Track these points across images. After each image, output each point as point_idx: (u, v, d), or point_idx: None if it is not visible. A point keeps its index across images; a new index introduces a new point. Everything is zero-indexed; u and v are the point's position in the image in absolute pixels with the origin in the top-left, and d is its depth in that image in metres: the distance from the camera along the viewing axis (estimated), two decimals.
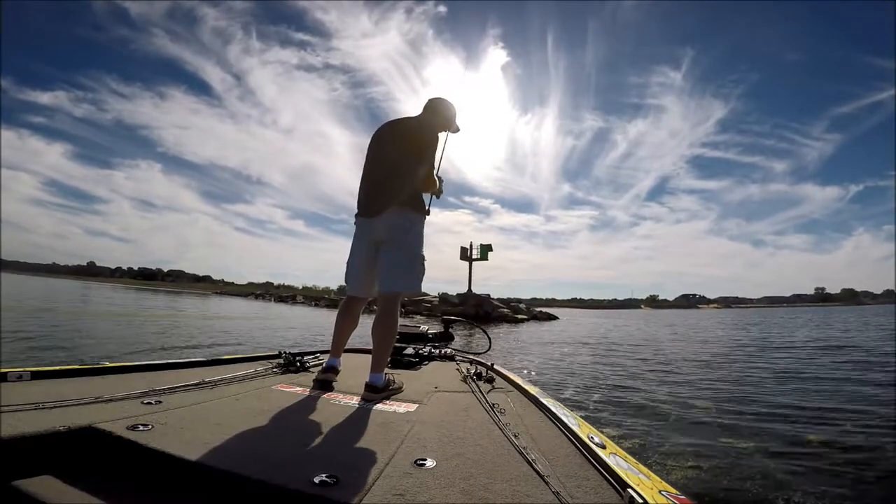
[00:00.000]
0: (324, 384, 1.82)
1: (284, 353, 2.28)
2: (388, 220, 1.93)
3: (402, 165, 1.99)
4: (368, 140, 2.16)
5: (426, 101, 2.21)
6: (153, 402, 1.38)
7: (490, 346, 3.67)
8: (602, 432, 1.45)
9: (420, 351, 2.92)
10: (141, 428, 1.09)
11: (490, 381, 2.07)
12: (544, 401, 1.67)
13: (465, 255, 34.23)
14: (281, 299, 55.83)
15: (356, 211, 2.05)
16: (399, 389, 1.82)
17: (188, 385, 1.62)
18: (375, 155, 2.07)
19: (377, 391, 1.71)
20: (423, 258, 2.00)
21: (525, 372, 6.38)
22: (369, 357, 1.82)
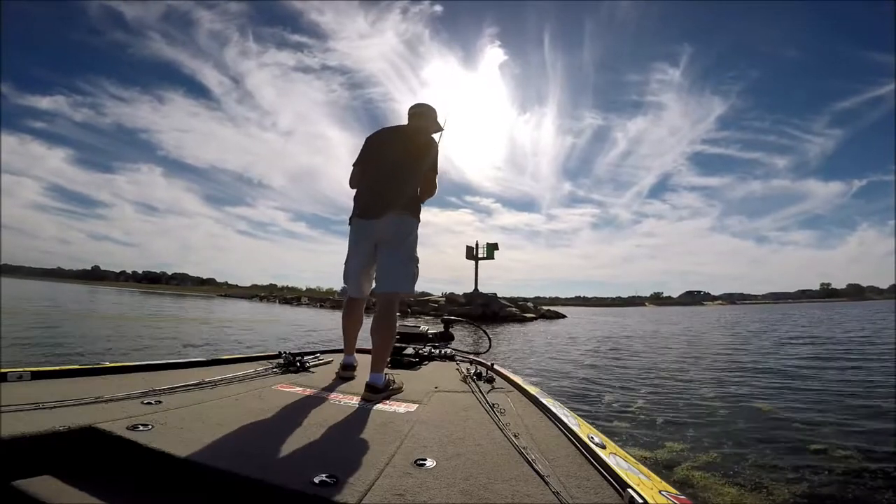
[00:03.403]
0: (345, 380, 2.00)
1: (284, 353, 2.29)
2: (390, 223, 2.00)
3: (402, 171, 2.08)
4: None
5: (410, 109, 2.31)
6: (153, 402, 1.38)
7: (490, 346, 3.66)
8: (603, 432, 1.44)
9: (420, 351, 2.92)
10: (141, 428, 1.10)
11: (490, 381, 2.07)
12: (544, 401, 1.66)
13: (471, 254, 34.14)
14: (286, 301, 56.05)
15: (354, 213, 2.11)
16: (399, 390, 1.84)
17: (188, 385, 1.62)
18: (375, 160, 2.14)
19: (377, 391, 1.72)
20: (418, 261, 2.08)
21: (554, 384, 6.04)
22: (369, 357, 1.84)
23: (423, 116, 2.28)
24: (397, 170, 2.08)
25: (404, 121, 2.32)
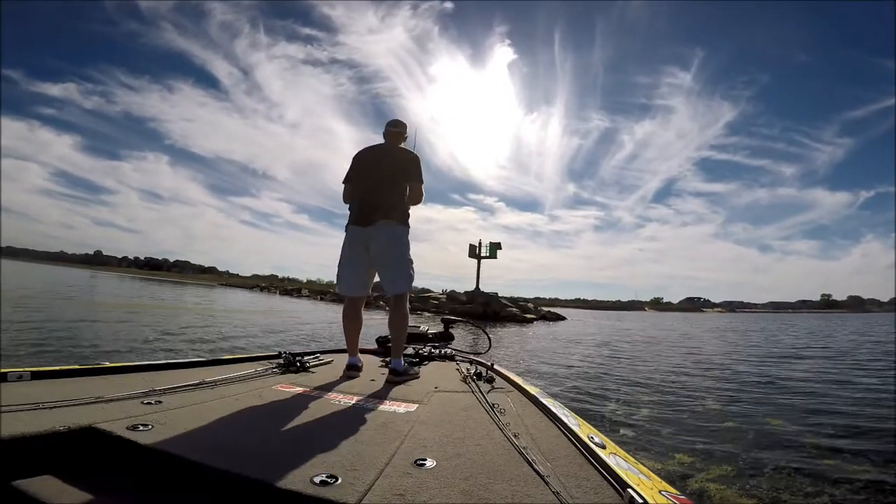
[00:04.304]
0: (350, 378, 2.11)
1: (284, 353, 2.30)
2: (381, 231, 2.29)
3: (390, 184, 2.37)
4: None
5: (387, 127, 2.57)
6: (153, 402, 1.38)
7: (490, 346, 3.66)
8: (602, 432, 1.44)
9: (420, 351, 2.93)
10: (141, 428, 1.10)
11: (490, 381, 2.08)
12: (544, 401, 1.66)
13: (474, 252, 34.07)
14: (286, 292, 56.24)
15: (349, 221, 2.39)
16: (416, 375, 2.18)
17: (188, 385, 1.62)
18: (365, 175, 2.43)
19: (399, 375, 2.07)
20: (412, 262, 2.38)
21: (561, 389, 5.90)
22: (373, 357, 1.96)
23: (401, 135, 2.58)
24: (385, 183, 2.36)
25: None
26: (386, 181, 2.37)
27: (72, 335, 7.77)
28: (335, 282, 2.42)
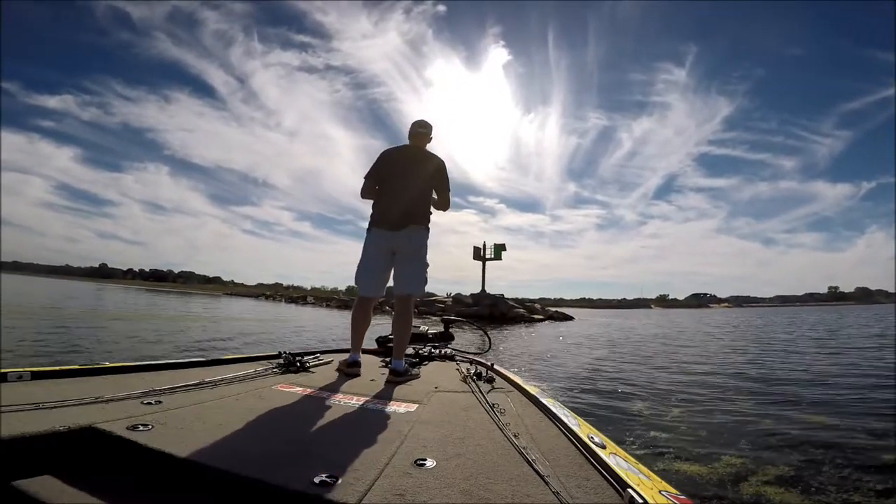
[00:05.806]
0: (349, 376, 2.13)
1: (284, 353, 2.30)
2: (409, 236, 2.36)
3: (420, 190, 2.43)
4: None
5: (415, 128, 2.58)
6: (153, 402, 1.38)
7: (490, 346, 3.65)
8: (602, 432, 1.44)
9: (420, 351, 2.94)
10: (141, 428, 1.10)
11: (490, 381, 2.08)
12: (544, 401, 1.66)
13: (479, 254, 34.03)
14: (291, 300, 56.39)
15: (374, 222, 2.42)
16: (416, 375, 2.20)
17: (188, 385, 1.63)
18: (394, 176, 2.45)
19: (399, 375, 2.10)
20: (427, 265, 2.45)
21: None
22: (374, 357, 1.94)
23: (427, 136, 2.60)
24: (416, 189, 2.42)
25: (408, 121, 2.63)
26: (417, 187, 2.43)
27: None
28: (354, 281, 2.44)
